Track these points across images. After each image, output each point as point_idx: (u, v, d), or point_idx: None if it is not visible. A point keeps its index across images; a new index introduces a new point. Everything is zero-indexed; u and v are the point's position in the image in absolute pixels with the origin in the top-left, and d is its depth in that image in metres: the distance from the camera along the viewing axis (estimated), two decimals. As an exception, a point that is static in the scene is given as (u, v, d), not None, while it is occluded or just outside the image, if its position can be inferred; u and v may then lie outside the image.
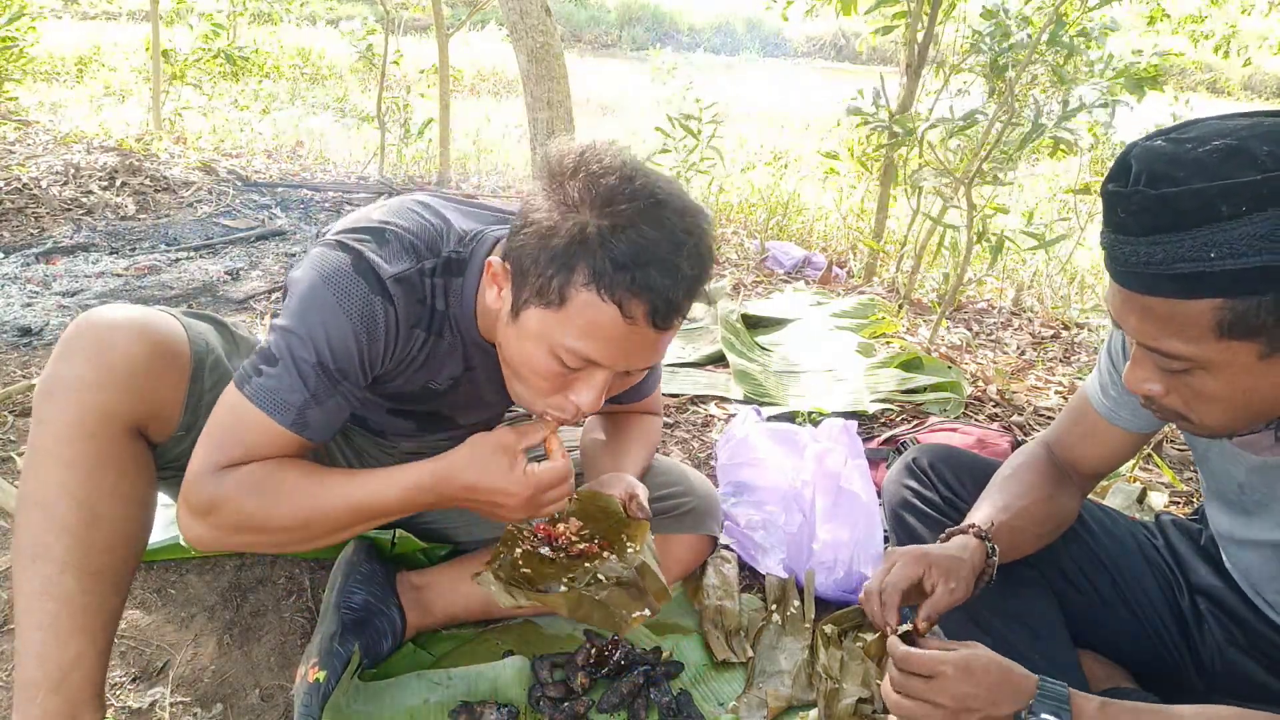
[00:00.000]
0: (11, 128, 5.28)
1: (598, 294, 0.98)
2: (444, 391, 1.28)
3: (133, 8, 13.54)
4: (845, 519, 1.72)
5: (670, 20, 20.66)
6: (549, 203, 1.02)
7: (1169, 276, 0.83)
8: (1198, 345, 0.85)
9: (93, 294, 2.98)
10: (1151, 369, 0.92)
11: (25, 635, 1.03)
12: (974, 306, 4.04)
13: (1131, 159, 0.86)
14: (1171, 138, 0.86)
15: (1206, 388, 0.89)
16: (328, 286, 1.07)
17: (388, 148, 5.98)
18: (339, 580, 1.36)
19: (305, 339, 1.06)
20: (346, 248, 1.09)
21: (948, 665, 0.96)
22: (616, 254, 0.96)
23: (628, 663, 1.37)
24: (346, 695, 1.25)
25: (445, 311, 1.17)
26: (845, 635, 1.50)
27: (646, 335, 1.01)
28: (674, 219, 1.00)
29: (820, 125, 10.25)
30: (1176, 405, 0.94)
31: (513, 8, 4.21)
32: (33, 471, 1.05)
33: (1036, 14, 3.42)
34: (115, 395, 1.05)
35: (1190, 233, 0.81)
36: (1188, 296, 0.83)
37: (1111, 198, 0.87)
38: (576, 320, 1.00)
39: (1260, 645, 1.15)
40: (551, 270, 0.99)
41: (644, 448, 1.47)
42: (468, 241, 1.16)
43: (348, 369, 1.09)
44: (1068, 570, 1.27)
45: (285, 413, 1.06)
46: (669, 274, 0.98)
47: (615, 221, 0.98)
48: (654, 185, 1.01)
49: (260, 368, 1.07)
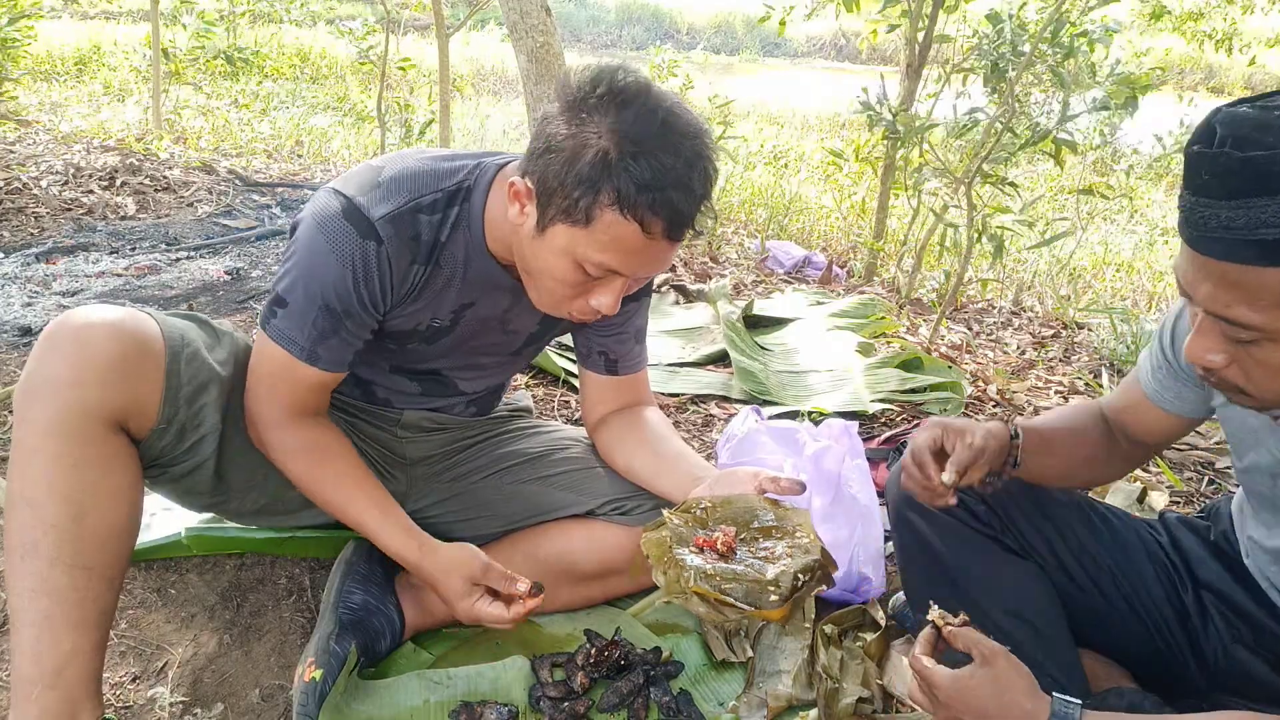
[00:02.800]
0: (11, 128, 5.28)
1: (621, 214, 1.07)
2: (447, 327, 1.33)
3: (133, 8, 13.54)
4: (845, 519, 1.72)
5: (670, 20, 20.66)
6: (570, 127, 1.09)
7: (1250, 242, 0.82)
8: (1270, 314, 0.84)
9: (93, 294, 2.98)
10: (1217, 338, 0.90)
11: (19, 632, 1.04)
12: (974, 306, 4.04)
13: (1216, 123, 0.84)
14: (1258, 105, 0.84)
15: (1272, 359, 0.87)
16: (321, 232, 1.18)
17: (388, 148, 5.98)
18: (337, 580, 1.36)
19: (307, 282, 1.19)
20: (339, 194, 1.19)
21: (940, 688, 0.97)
22: (638, 177, 1.06)
23: (628, 663, 1.37)
24: (346, 695, 1.25)
25: (447, 241, 1.25)
26: (845, 635, 1.50)
27: (662, 246, 1.12)
28: (686, 142, 1.09)
29: (820, 125, 10.24)
30: (1236, 378, 0.92)
31: (513, 8, 4.21)
32: (18, 469, 1.07)
33: (1037, 15, 3.42)
34: (93, 391, 1.07)
35: (1275, 198, 0.79)
36: (1268, 264, 0.82)
37: (1196, 159, 0.85)
38: (601, 236, 1.09)
39: (1266, 642, 1.15)
40: (578, 192, 1.08)
41: (681, 439, 1.48)
42: (470, 172, 1.25)
43: (349, 308, 1.21)
44: (1069, 567, 1.27)
45: (299, 349, 1.22)
46: (684, 193, 1.08)
47: (636, 146, 1.06)
48: (667, 109, 1.10)
49: (275, 310, 1.22)
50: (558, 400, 2.41)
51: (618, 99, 1.08)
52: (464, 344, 1.38)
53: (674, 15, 20.85)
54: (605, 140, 1.07)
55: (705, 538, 1.15)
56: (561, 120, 1.10)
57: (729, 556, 1.14)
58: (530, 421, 1.65)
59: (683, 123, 1.10)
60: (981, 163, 3.10)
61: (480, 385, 1.51)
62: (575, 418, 2.30)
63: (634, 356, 1.48)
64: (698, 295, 3.37)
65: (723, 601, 1.08)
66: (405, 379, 1.44)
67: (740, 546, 1.16)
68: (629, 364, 1.48)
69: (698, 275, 3.78)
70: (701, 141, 1.11)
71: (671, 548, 1.15)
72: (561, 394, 2.44)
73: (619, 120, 1.07)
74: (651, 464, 1.41)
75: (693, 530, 1.17)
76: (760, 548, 1.16)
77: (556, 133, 1.10)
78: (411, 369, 1.42)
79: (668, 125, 1.08)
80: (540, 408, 2.36)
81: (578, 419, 2.27)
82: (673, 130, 1.09)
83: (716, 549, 1.14)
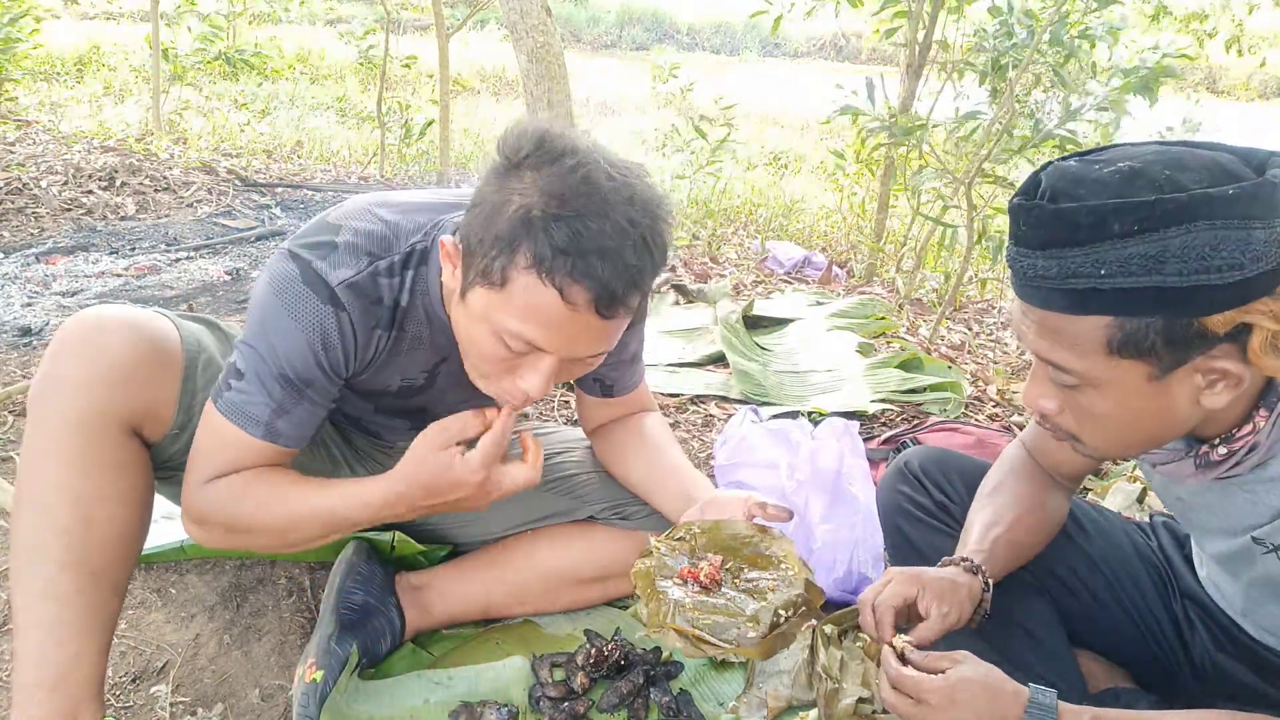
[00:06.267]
0: (11, 128, 5.27)
1: (538, 277, 0.97)
2: (423, 385, 1.28)
3: (133, 8, 13.54)
4: (845, 519, 1.72)
5: (670, 20, 20.65)
6: (498, 182, 1.01)
7: (1062, 291, 0.85)
8: (1088, 361, 0.86)
9: (93, 294, 2.98)
10: (1046, 385, 0.93)
11: (24, 635, 1.03)
12: (974, 306, 4.04)
13: (1042, 175, 0.88)
14: (1085, 159, 0.87)
15: (1096, 406, 0.90)
16: (279, 299, 1.09)
17: (388, 148, 5.98)
18: (337, 581, 1.36)
19: (265, 353, 1.09)
20: (296, 258, 1.11)
21: (933, 694, 0.97)
22: (558, 238, 0.95)
23: (628, 663, 1.37)
24: (346, 695, 1.25)
25: (408, 305, 1.17)
26: (845, 635, 1.50)
27: (590, 322, 1.00)
28: (624, 207, 0.98)
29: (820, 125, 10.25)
30: (1069, 425, 0.94)
31: (513, 8, 4.21)
32: (29, 471, 1.05)
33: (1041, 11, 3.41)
34: (109, 394, 1.06)
35: (1083, 249, 0.82)
36: (1079, 312, 0.85)
37: (1015, 211, 0.88)
38: (517, 302, 0.99)
39: (1244, 652, 1.15)
40: (495, 251, 0.98)
41: (679, 449, 1.45)
42: (428, 231, 1.16)
43: (310, 377, 1.11)
44: (1062, 573, 1.27)
45: (255, 425, 1.11)
46: (612, 263, 0.97)
47: (561, 206, 0.96)
48: (607, 172, 1.00)
49: (230, 382, 1.11)
50: (557, 400, 2.41)
51: (556, 159, 0.99)
52: (443, 396, 1.33)
53: (674, 16, 20.84)
54: (529, 197, 0.98)
55: (690, 568, 1.15)
56: (494, 177, 1.03)
57: (712, 589, 1.13)
58: (529, 424, 1.65)
59: (627, 188, 1.00)
60: (982, 163, 3.09)
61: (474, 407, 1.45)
62: (574, 418, 2.30)
63: (630, 377, 1.44)
64: (698, 295, 3.37)
65: (700, 639, 1.08)
66: (393, 418, 1.38)
67: (726, 577, 1.15)
68: (625, 385, 1.44)
69: (698, 275, 3.78)
70: (646, 208, 1.01)
71: (655, 579, 1.14)
72: (561, 394, 2.44)
73: (547, 177, 0.98)
74: (647, 478, 1.39)
75: (678, 560, 1.17)
76: (745, 579, 1.16)
77: (485, 189, 1.03)
78: (397, 408, 1.36)
79: (606, 188, 0.98)
80: (539, 407, 2.36)
81: (576, 420, 2.27)
82: (612, 193, 0.98)
83: (700, 581, 1.13)
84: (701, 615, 1.10)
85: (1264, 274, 0.80)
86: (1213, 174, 0.81)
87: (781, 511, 1.21)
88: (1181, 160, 0.83)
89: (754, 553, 1.19)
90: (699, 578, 1.13)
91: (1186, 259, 0.79)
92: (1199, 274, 0.79)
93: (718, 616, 1.09)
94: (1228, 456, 0.93)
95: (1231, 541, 1.02)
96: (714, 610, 1.10)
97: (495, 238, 0.98)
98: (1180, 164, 0.82)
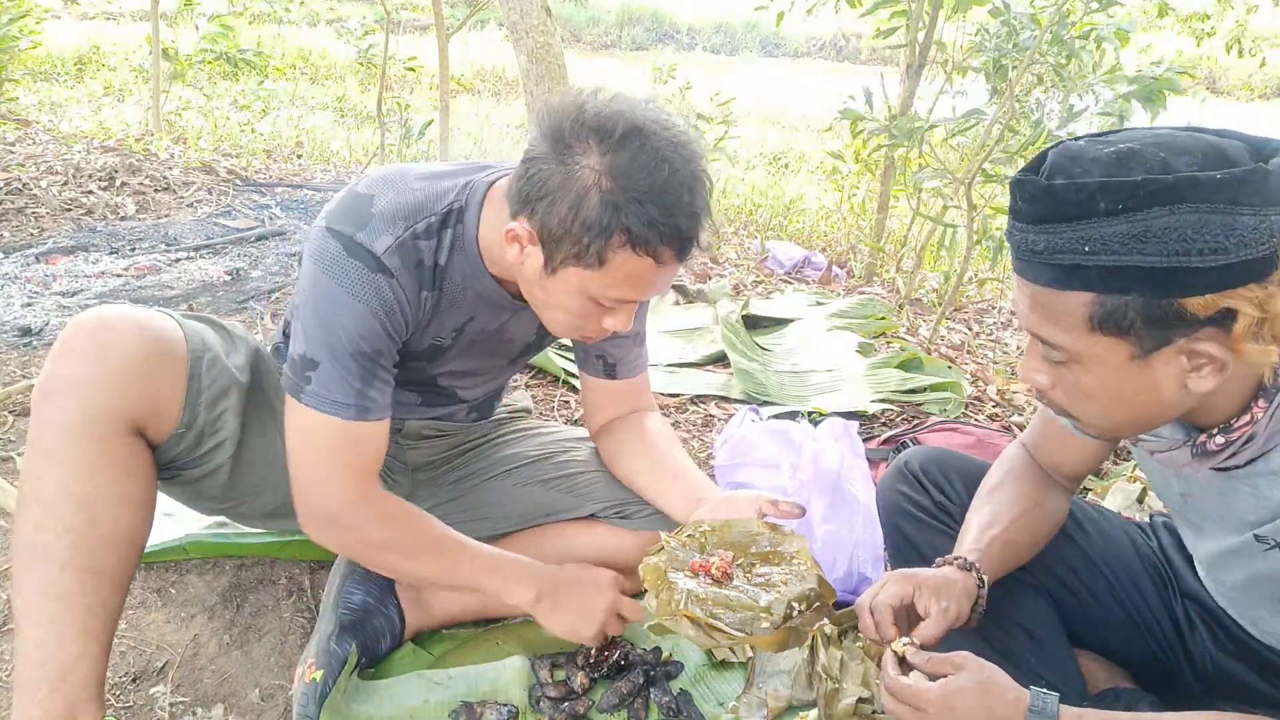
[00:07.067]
0: (11, 128, 5.27)
1: (634, 252, 1.07)
2: (448, 345, 1.32)
3: (133, 8, 13.53)
4: (845, 519, 1.72)
5: (670, 20, 20.64)
6: (557, 165, 1.07)
7: (1049, 266, 0.86)
8: (1072, 336, 0.88)
9: (92, 294, 2.98)
10: (1039, 360, 0.95)
11: (25, 635, 1.03)
12: (974, 306, 4.03)
13: (1050, 153, 0.89)
14: (1094, 138, 0.88)
15: (1082, 382, 0.91)
16: (331, 277, 1.13)
17: (388, 148, 5.98)
18: (337, 580, 1.36)
19: (333, 334, 1.13)
20: (336, 233, 1.15)
21: (931, 703, 0.96)
22: (647, 215, 1.05)
23: (628, 663, 1.37)
24: (346, 695, 1.25)
25: (446, 265, 1.22)
26: (845, 635, 1.50)
27: (672, 268, 1.13)
28: (681, 164, 1.08)
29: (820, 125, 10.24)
30: (1062, 400, 0.96)
31: (513, 8, 4.21)
32: (32, 471, 1.05)
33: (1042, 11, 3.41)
34: (113, 394, 1.06)
35: (1070, 225, 0.84)
36: (1063, 287, 0.86)
37: (1014, 186, 0.90)
38: (616, 275, 1.10)
39: (1245, 651, 1.15)
40: (588, 238, 1.07)
41: (684, 451, 1.47)
42: (460, 192, 1.22)
43: (381, 346, 1.17)
44: (1063, 574, 1.27)
45: (346, 408, 1.15)
46: (689, 217, 1.08)
47: (638, 184, 1.05)
48: (656, 133, 1.07)
49: (307, 375, 1.14)
50: (558, 400, 2.41)
51: (602, 132, 1.06)
52: (462, 355, 1.37)
53: (674, 16, 20.84)
54: (605, 181, 1.05)
55: (701, 562, 1.15)
56: (551, 161, 1.07)
57: (724, 582, 1.13)
58: (531, 423, 1.65)
59: (677, 146, 1.08)
60: (982, 163, 3.09)
61: (479, 392, 1.51)
62: (575, 418, 2.30)
63: (633, 360, 1.47)
64: (698, 295, 3.37)
65: (713, 626, 1.08)
66: (405, 391, 1.42)
67: (737, 573, 1.15)
68: (628, 368, 1.47)
69: (698, 275, 3.78)
70: (691, 154, 1.10)
71: (665, 571, 1.14)
72: (561, 394, 2.44)
73: (614, 160, 1.05)
74: (653, 480, 1.41)
75: (690, 554, 1.17)
76: (757, 574, 1.16)
77: (549, 176, 1.07)
78: (411, 382, 1.40)
79: (654, 150, 1.06)
80: (540, 408, 2.36)
81: (578, 419, 2.27)
82: (668, 157, 1.06)
83: (712, 574, 1.13)
84: (714, 606, 1.09)
85: (1251, 260, 0.80)
86: (1208, 158, 0.81)
87: (793, 508, 1.23)
88: (1181, 144, 0.83)
89: (765, 549, 1.19)
90: (710, 571, 1.14)
91: (1167, 240, 0.80)
92: (1179, 255, 0.80)
93: (728, 609, 1.09)
94: (1225, 446, 0.93)
95: (1233, 538, 1.02)
96: (726, 602, 1.10)
97: (584, 226, 1.06)
98: (1178, 147, 0.82)
